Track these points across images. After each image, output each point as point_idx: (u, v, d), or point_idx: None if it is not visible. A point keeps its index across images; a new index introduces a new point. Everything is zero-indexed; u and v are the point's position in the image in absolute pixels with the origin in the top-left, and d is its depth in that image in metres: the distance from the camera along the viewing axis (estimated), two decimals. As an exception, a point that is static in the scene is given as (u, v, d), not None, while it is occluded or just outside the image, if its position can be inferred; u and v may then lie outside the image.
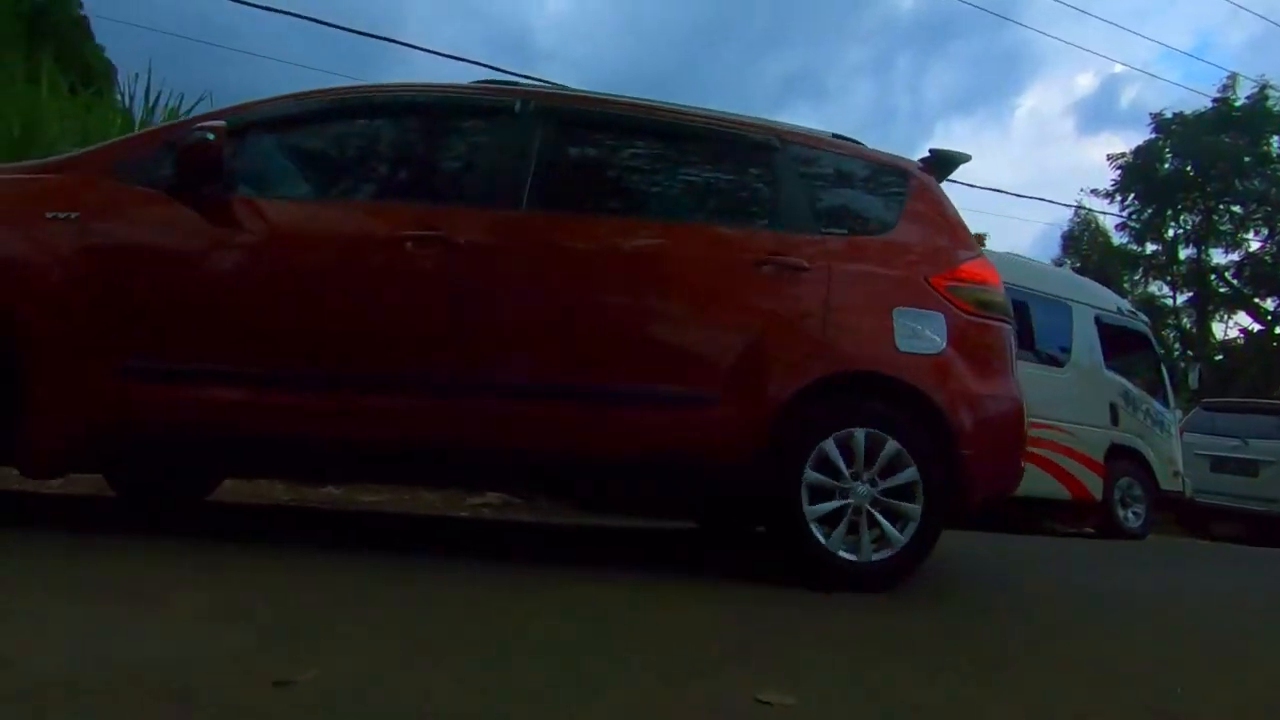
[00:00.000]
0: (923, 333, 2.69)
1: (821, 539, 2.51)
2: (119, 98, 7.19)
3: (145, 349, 2.44)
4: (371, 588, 2.15)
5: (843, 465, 2.54)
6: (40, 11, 17.33)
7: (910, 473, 2.56)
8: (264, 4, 8.64)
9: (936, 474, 2.58)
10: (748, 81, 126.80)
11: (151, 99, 6.44)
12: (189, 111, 6.01)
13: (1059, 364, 6.67)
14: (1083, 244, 24.76)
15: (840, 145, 3.12)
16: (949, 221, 3.04)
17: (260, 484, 4.32)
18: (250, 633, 1.59)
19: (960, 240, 3.01)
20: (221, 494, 3.81)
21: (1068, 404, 6.39)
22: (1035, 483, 5.36)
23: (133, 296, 2.45)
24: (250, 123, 2.65)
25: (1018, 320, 3.46)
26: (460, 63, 12.38)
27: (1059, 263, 21.97)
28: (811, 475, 2.52)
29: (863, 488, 2.55)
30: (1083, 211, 24.40)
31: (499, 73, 7.73)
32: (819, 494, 2.54)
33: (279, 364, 2.49)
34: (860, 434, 2.55)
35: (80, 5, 16.28)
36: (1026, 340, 5.89)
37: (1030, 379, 4.13)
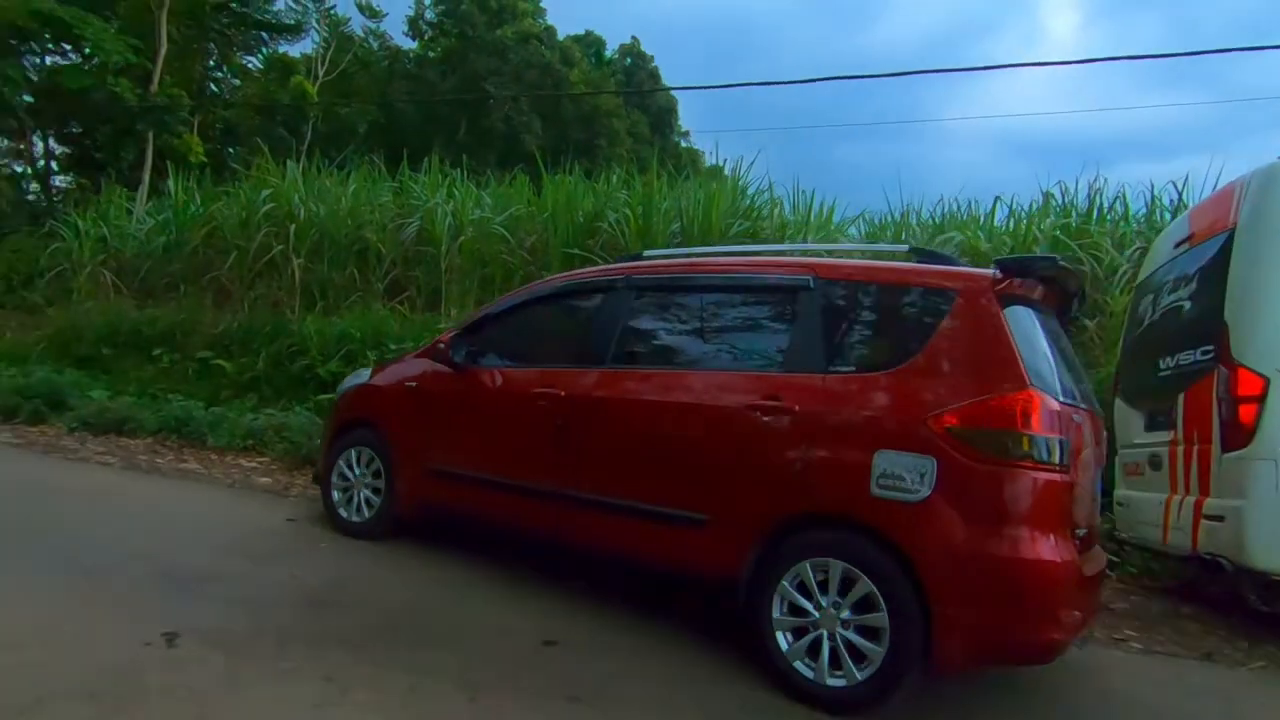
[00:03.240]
0: (902, 477, 2.63)
1: (784, 646, 2.76)
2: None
3: (440, 457, 4.03)
4: None
5: (810, 591, 2.75)
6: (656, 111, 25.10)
7: (878, 617, 2.61)
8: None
9: (907, 623, 2.56)
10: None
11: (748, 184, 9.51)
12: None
13: None
14: None
15: (884, 271, 3.18)
16: (987, 349, 2.72)
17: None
18: None
19: (994, 369, 2.68)
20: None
21: None
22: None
23: (429, 427, 4.13)
24: (476, 321, 4.22)
25: None
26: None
27: None
28: (788, 589, 2.78)
29: (829, 615, 2.70)
30: None
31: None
32: (794, 610, 2.78)
33: (485, 471, 3.82)
34: (837, 566, 2.70)
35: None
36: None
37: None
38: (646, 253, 4.45)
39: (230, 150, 19.60)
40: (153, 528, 4.22)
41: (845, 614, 2.68)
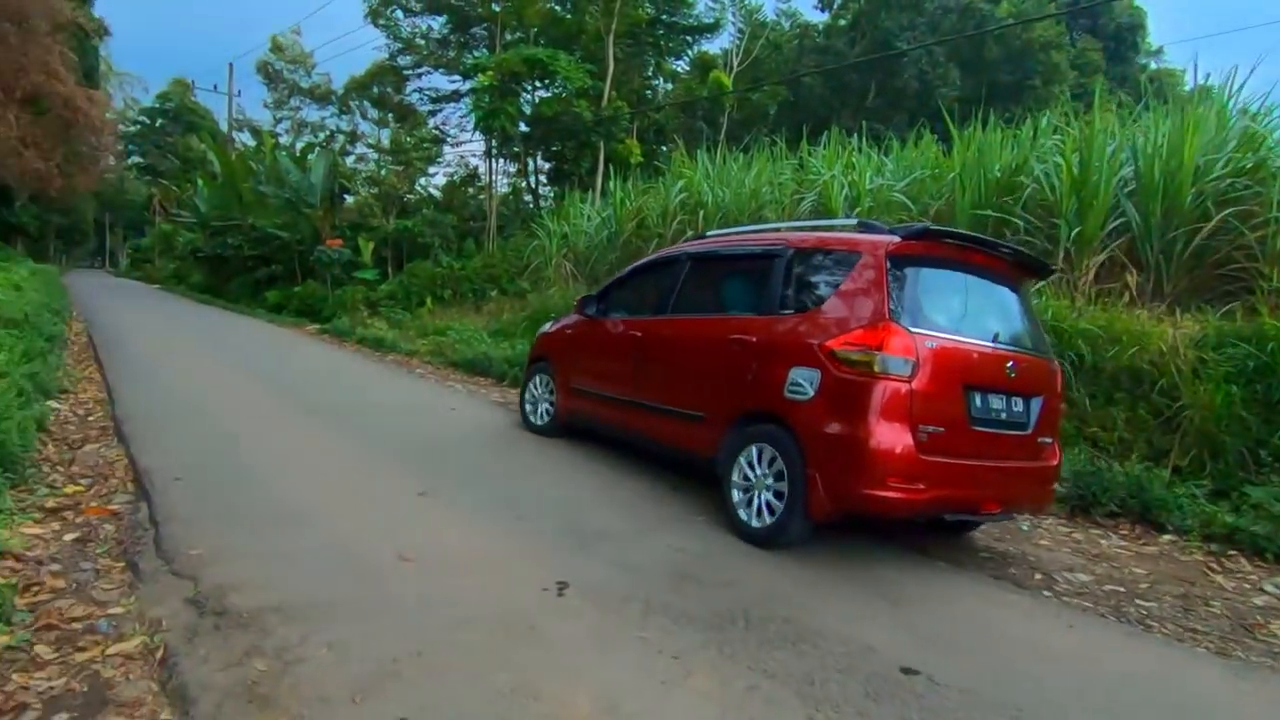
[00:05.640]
0: (802, 384, 3.80)
1: (738, 506, 4.09)
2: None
3: (577, 380, 5.90)
4: None
5: (752, 464, 4.05)
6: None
7: (783, 484, 3.84)
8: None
9: (798, 484, 3.74)
10: None
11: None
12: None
13: None
14: None
15: (827, 239, 4.33)
16: (869, 294, 3.77)
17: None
18: None
19: (869, 310, 3.74)
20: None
21: None
22: None
23: (575, 357, 6.00)
24: (607, 285, 6.04)
25: None
26: None
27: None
28: (741, 465, 4.11)
29: (760, 480, 3.99)
30: None
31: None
32: (743, 476, 4.09)
33: (596, 388, 5.64)
34: (767, 449, 3.98)
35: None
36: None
37: None
38: (709, 233, 6.08)
39: (662, 148, 22.15)
40: (571, 484, 4.98)
41: (769, 480, 3.94)
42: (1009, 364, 3.92)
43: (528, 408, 6.53)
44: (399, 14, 23.24)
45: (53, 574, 2.98)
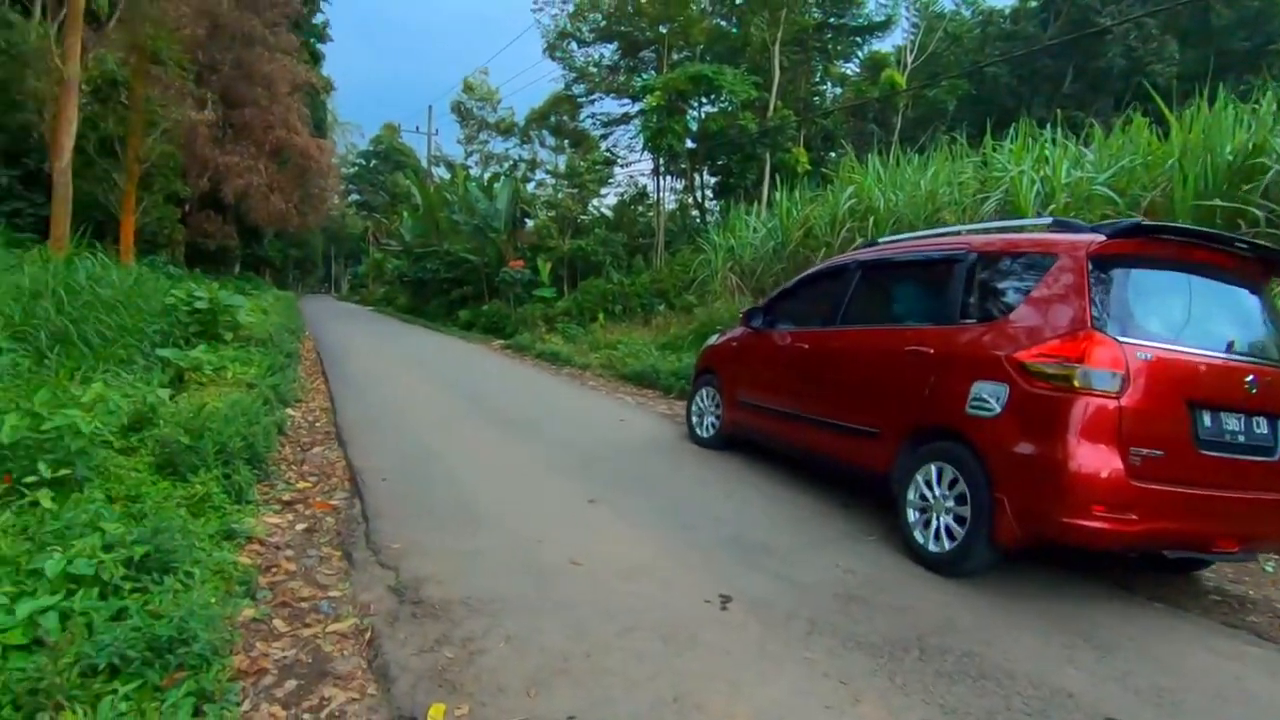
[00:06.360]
0: (986, 400, 3.54)
1: (914, 528, 3.87)
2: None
3: (743, 392, 5.90)
4: None
5: (930, 484, 3.81)
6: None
7: (966, 509, 3.57)
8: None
9: (983, 508, 3.46)
10: None
11: None
12: None
13: None
14: None
15: (1016, 241, 4.00)
16: (1068, 300, 3.43)
17: None
18: None
19: (1067, 318, 3.40)
20: None
21: None
22: None
23: (740, 370, 6.03)
24: (772, 297, 5.99)
25: None
26: None
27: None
28: (918, 484, 3.87)
29: (939, 501, 3.73)
30: None
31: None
32: (920, 496, 3.85)
33: (764, 401, 5.60)
34: (947, 468, 3.73)
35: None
36: None
37: None
38: (880, 239, 5.64)
39: (831, 155, 21.56)
40: (736, 497, 4.97)
41: (949, 502, 3.69)
42: (1248, 378, 3.40)
43: (694, 420, 6.63)
44: (573, 45, 24.66)
45: (287, 558, 3.47)
